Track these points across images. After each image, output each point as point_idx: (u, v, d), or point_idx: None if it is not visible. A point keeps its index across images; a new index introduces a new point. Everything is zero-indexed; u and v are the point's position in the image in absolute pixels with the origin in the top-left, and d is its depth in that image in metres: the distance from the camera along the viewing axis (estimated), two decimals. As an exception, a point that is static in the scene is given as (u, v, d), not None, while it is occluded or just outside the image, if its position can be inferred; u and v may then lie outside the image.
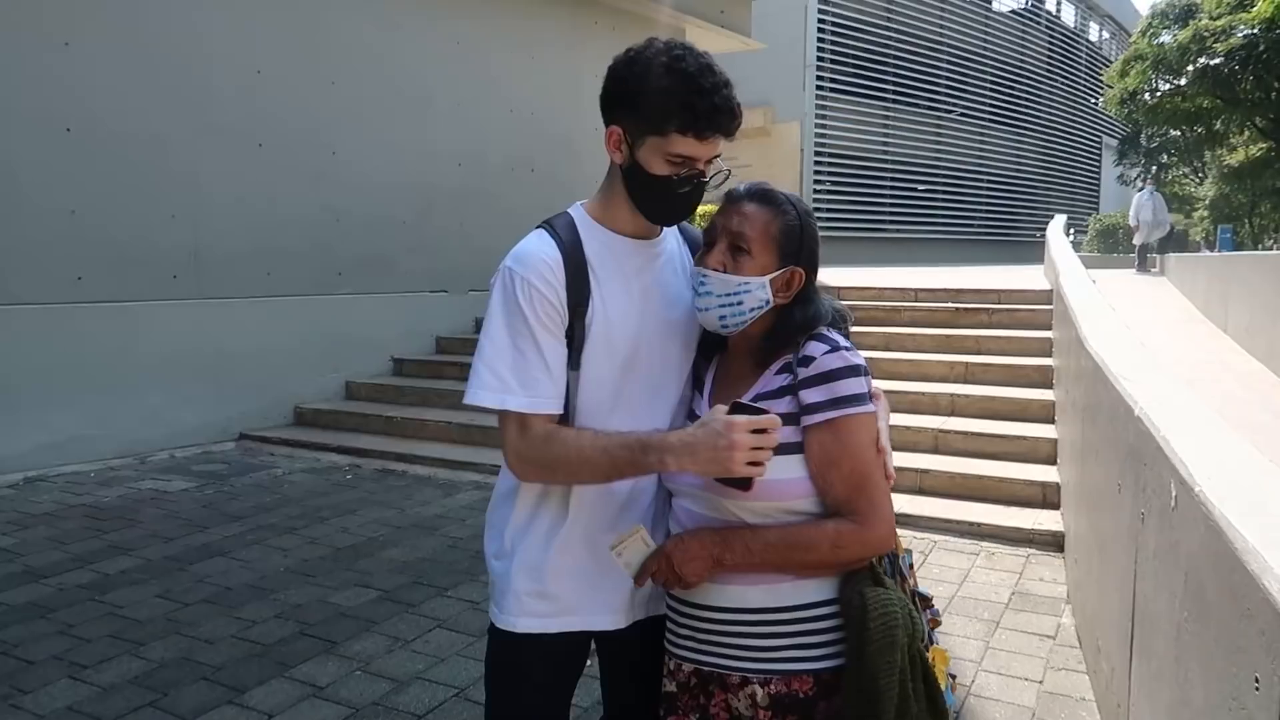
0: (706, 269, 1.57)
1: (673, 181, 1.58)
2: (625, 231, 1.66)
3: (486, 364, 1.55)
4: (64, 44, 6.79)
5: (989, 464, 5.87)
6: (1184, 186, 37.67)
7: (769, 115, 27.82)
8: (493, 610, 1.72)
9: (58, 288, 6.85)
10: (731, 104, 1.56)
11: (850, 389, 1.49)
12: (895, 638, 1.44)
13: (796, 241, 1.57)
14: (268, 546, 5.09)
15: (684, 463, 1.47)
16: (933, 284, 9.37)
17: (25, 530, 5.38)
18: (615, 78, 1.57)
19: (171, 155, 7.46)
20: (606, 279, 1.61)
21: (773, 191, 1.60)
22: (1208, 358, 9.39)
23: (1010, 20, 36.11)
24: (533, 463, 1.58)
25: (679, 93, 1.51)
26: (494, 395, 1.54)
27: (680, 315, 1.70)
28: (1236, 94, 24.96)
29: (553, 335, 1.56)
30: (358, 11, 8.83)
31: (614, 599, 1.70)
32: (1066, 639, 3.86)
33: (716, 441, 1.44)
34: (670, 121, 1.52)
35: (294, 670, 3.57)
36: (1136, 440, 2.48)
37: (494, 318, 1.57)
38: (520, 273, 1.56)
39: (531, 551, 1.66)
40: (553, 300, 1.55)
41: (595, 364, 1.60)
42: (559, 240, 1.60)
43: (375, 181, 8.82)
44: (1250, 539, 1.39)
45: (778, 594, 1.51)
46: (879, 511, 1.50)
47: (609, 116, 1.60)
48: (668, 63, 1.52)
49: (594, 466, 1.54)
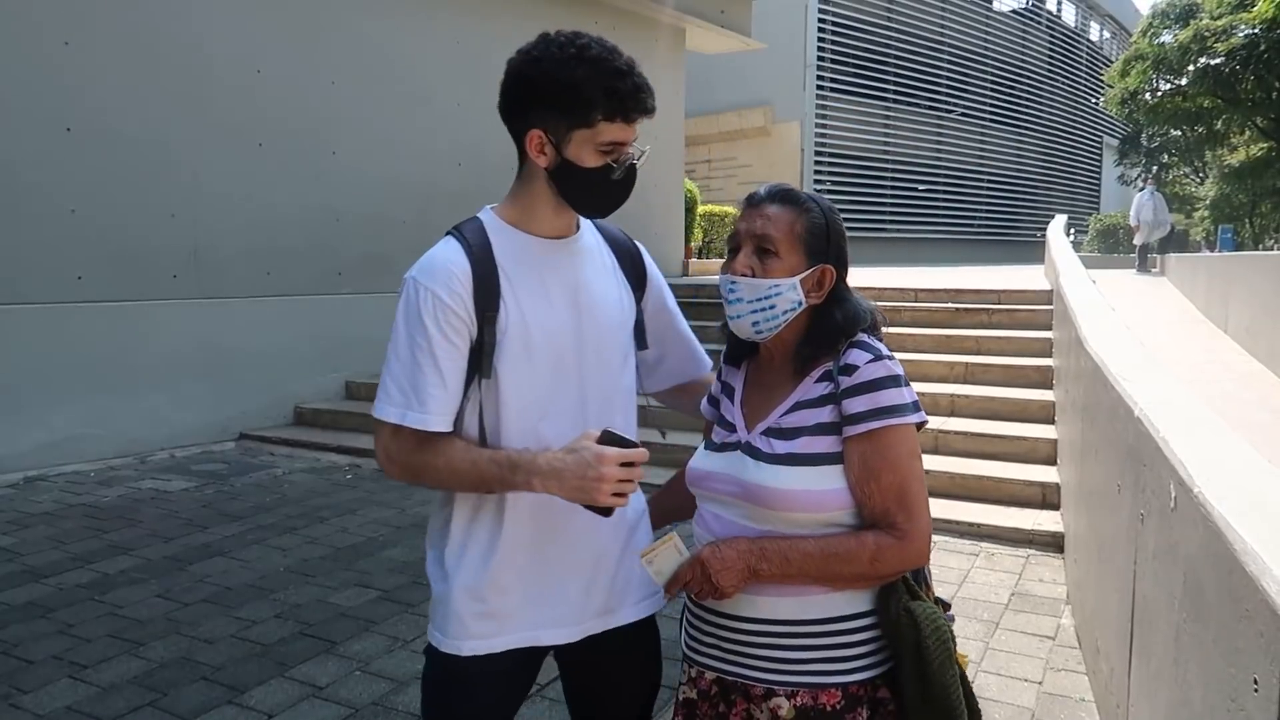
0: (734, 275, 1.54)
1: (609, 170, 1.56)
2: (541, 233, 1.63)
3: (393, 379, 1.54)
4: (64, 43, 6.79)
5: (989, 464, 5.87)
6: (1185, 186, 37.68)
7: (769, 115, 27.82)
8: (433, 634, 1.66)
9: (58, 287, 6.85)
10: (647, 82, 1.55)
11: (893, 399, 1.46)
12: (950, 650, 1.44)
13: (823, 239, 1.54)
14: (267, 546, 5.09)
15: (549, 487, 1.48)
16: (933, 284, 9.37)
17: (25, 530, 5.38)
18: (524, 79, 1.53)
19: (172, 155, 7.46)
20: (521, 282, 1.58)
21: (794, 191, 1.58)
22: (1208, 358, 9.39)
23: (1011, 20, 36.10)
24: (401, 465, 1.57)
25: (598, 80, 1.48)
26: (396, 410, 1.53)
27: (609, 313, 1.68)
28: (1237, 94, 24.95)
29: (455, 348, 1.53)
30: (358, 11, 8.82)
31: (561, 612, 1.66)
32: (1066, 640, 3.86)
33: (585, 471, 1.45)
34: (596, 111, 1.50)
35: (294, 670, 3.57)
36: (1136, 441, 2.48)
37: (398, 331, 1.55)
38: (425, 284, 1.53)
39: (471, 571, 1.62)
40: (458, 311, 1.53)
41: (514, 369, 1.57)
42: (467, 246, 1.56)
43: (375, 181, 8.82)
44: (1249, 540, 1.38)
45: (809, 606, 1.48)
46: (918, 525, 1.46)
47: (523, 122, 1.55)
48: (576, 53, 1.50)
49: (461, 478, 1.54)
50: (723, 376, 1.72)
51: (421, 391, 1.52)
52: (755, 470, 1.49)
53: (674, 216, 13.84)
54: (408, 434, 1.54)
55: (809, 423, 1.50)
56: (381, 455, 1.59)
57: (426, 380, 1.52)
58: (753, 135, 28.23)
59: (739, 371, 1.68)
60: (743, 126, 28.25)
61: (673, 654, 1.76)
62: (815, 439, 1.49)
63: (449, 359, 1.53)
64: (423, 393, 1.52)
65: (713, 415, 1.71)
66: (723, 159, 28.76)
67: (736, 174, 28.08)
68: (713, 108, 26.80)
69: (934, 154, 32.52)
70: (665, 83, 13.32)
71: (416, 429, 1.53)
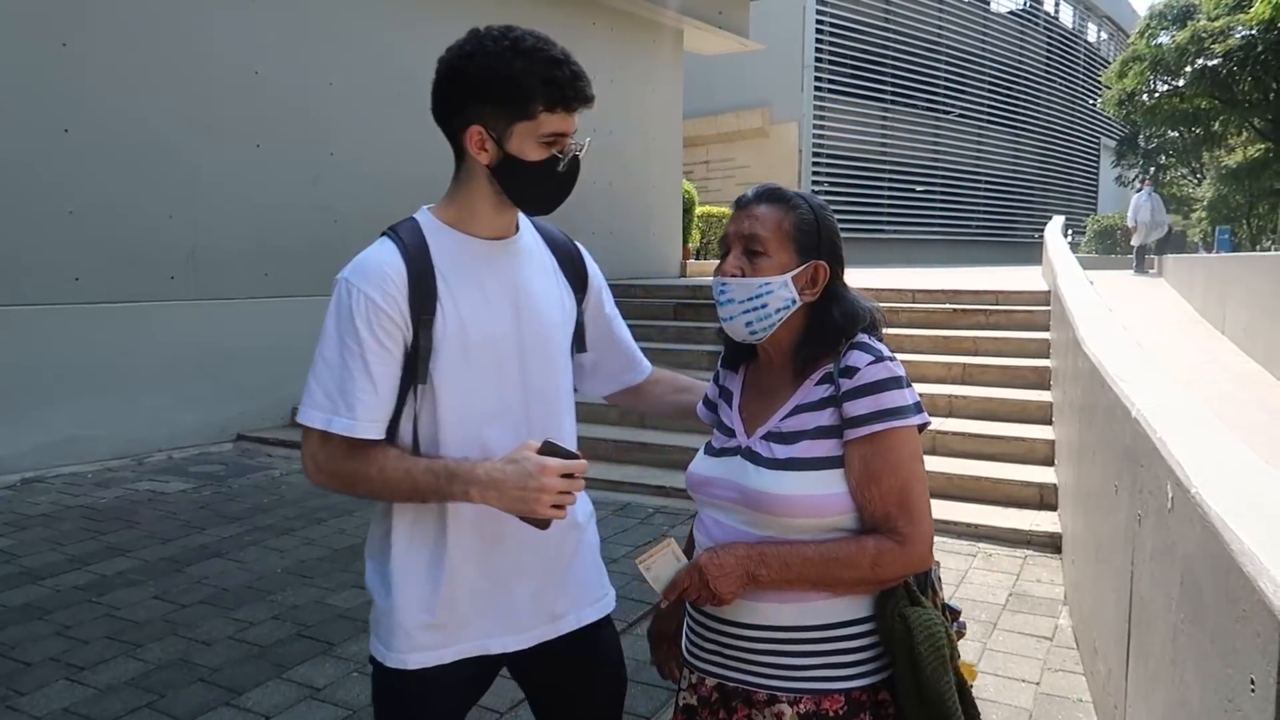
0: (724, 276, 1.52)
1: (555, 162, 1.53)
2: (481, 234, 1.59)
3: (319, 383, 1.49)
4: (62, 44, 6.79)
5: (986, 465, 5.87)
6: (1182, 187, 37.75)
7: (767, 116, 27.85)
8: (377, 648, 1.62)
9: (55, 288, 6.85)
10: (584, 70, 1.51)
11: (895, 401, 1.44)
12: (945, 656, 1.42)
13: (814, 235, 1.52)
14: (265, 548, 5.08)
15: (488, 498, 1.45)
16: (930, 285, 9.38)
17: (23, 531, 5.38)
18: (459, 75, 1.49)
19: (169, 155, 7.45)
20: (459, 284, 1.54)
21: (781, 189, 1.55)
22: (1205, 359, 9.40)
23: (1008, 21, 36.14)
24: (330, 474, 1.51)
25: (536, 70, 1.45)
26: (322, 415, 1.47)
27: (551, 315, 1.65)
28: (1234, 95, 25.02)
29: (388, 352, 1.49)
30: (356, 11, 8.82)
31: (511, 619, 1.63)
32: (1063, 640, 3.87)
33: (526, 482, 1.43)
34: (536, 102, 1.46)
35: (291, 671, 3.56)
36: (1133, 441, 2.48)
37: (328, 333, 1.50)
38: (358, 285, 1.48)
39: (416, 583, 1.57)
40: (392, 314, 1.48)
41: (453, 374, 1.53)
42: (403, 247, 1.52)
43: (373, 182, 8.81)
44: (1246, 540, 1.38)
45: (811, 612, 1.46)
46: (920, 529, 1.44)
47: (460, 119, 1.51)
48: (510, 45, 1.46)
49: (394, 487, 1.49)
50: (720, 381, 1.70)
51: (349, 396, 1.47)
52: (755, 476, 1.48)
53: (672, 217, 13.84)
54: (337, 441, 1.48)
55: (809, 426, 1.48)
56: (308, 463, 1.52)
57: (356, 385, 1.47)
58: (751, 136, 28.25)
59: (737, 376, 1.66)
60: (741, 127, 28.28)
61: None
62: (816, 442, 1.47)
63: (381, 364, 1.48)
64: (351, 397, 1.47)
65: (711, 420, 1.70)
66: (721, 160, 28.78)
67: (735, 175, 28.10)
68: (711, 109, 26.83)
69: (931, 155, 32.56)
70: (663, 84, 13.34)
71: (344, 435, 1.47)
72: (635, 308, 9.96)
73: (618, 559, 4.86)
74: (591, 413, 7.62)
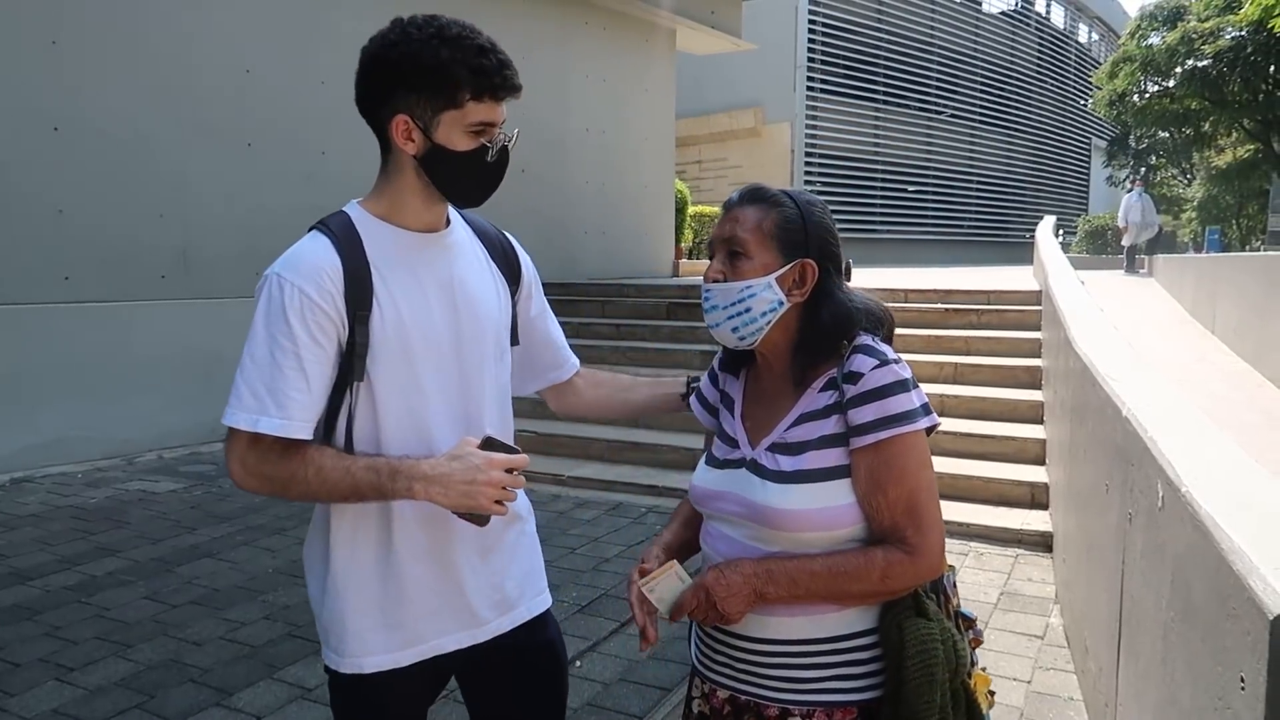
0: (707, 282, 1.49)
1: (484, 152, 1.50)
2: (411, 226, 1.55)
3: (246, 381, 1.44)
4: (51, 42, 6.75)
5: (978, 464, 5.89)
6: (1172, 188, 37.87)
7: (759, 116, 27.86)
8: (329, 656, 1.59)
9: (45, 287, 6.82)
10: (510, 60, 1.49)
11: (900, 406, 1.39)
12: (934, 675, 1.37)
13: (799, 233, 1.45)
14: (256, 547, 5.07)
15: (432, 492, 1.42)
16: (922, 284, 9.39)
17: (12, 532, 5.35)
18: (384, 64, 1.46)
19: (160, 155, 7.42)
20: (394, 278, 1.50)
21: (764, 188, 1.50)
22: (1196, 358, 9.44)
23: (1000, 21, 36.23)
24: (260, 476, 1.45)
25: (462, 58, 1.43)
26: (248, 416, 1.42)
27: (488, 309, 1.62)
28: (1224, 96, 25.12)
29: (321, 349, 1.44)
30: (347, 11, 8.80)
31: (465, 615, 1.60)
32: (1055, 639, 3.88)
33: (473, 476, 1.41)
34: (464, 90, 1.44)
35: (282, 672, 3.55)
36: (1124, 441, 2.49)
37: (256, 330, 1.44)
38: (291, 279, 1.44)
39: (364, 584, 1.54)
40: (327, 309, 1.44)
41: (391, 370, 1.49)
42: (336, 241, 1.48)
43: (365, 182, 8.73)
44: (1236, 539, 1.39)
45: (822, 624, 1.43)
46: (929, 539, 1.39)
47: (387, 108, 1.47)
48: (436, 33, 1.44)
49: (332, 487, 1.44)
50: (720, 385, 1.65)
51: (279, 395, 1.42)
52: (762, 490, 1.43)
53: (664, 217, 13.85)
54: (269, 443, 1.43)
55: (814, 435, 1.43)
56: (235, 467, 1.46)
57: (287, 383, 1.42)
58: (743, 136, 28.26)
59: (738, 381, 1.61)
60: (733, 127, 28.28)
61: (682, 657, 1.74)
62: (823, 452, 1.42)
63: (315, 361, 1.44)
64: (281, 396, 1.42)
65: (711, 425, 1.65)
66: (713, 160, 28.78)
67: (727, 175, 28.10)
68: (703, 109, 26.83)
69: (924, 155, 32.62)
70: (656, 83, 13.34)
71: (275, 435, 1.42)
72: (628, 308, 9.95)
73: (610, 558, 4.86)
74: (584, 412, 7.64)
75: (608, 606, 4.21)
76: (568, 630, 3.77)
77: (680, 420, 7.09)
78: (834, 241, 1.51)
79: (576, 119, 11.77)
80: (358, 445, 1.51)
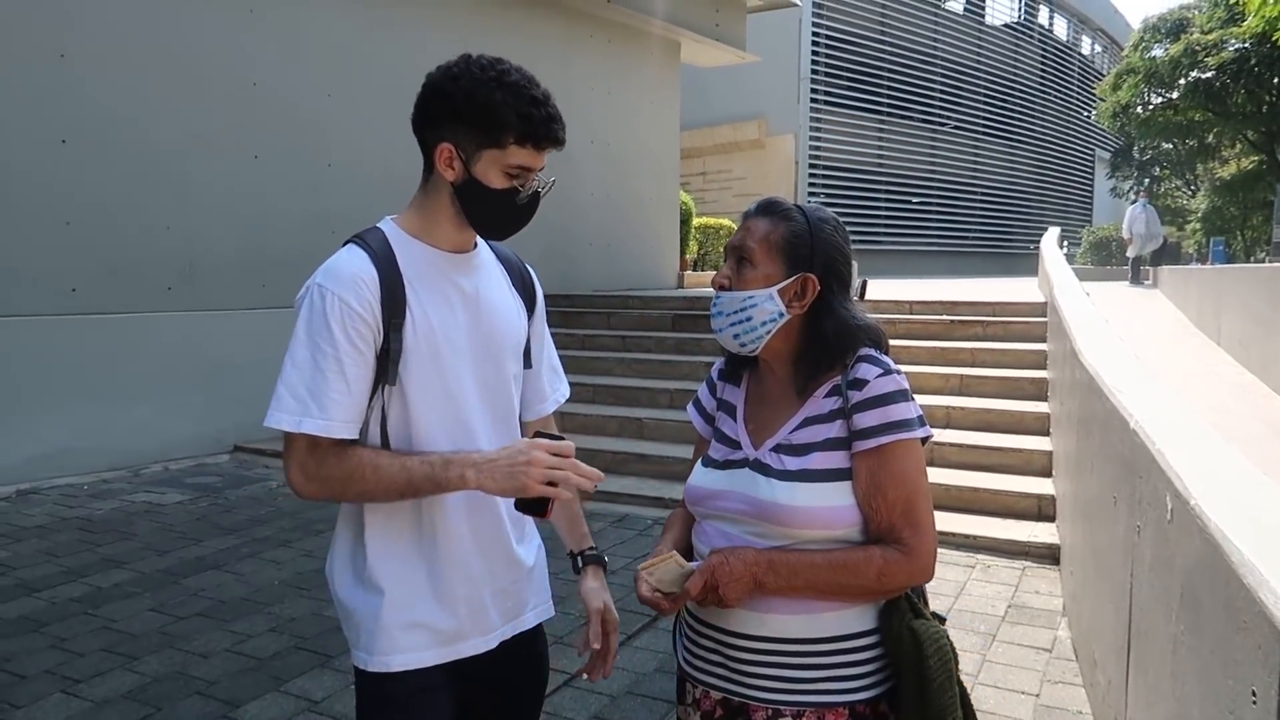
0: (716, 289, 1.55)
1: (515, 194, 1.57)
2: (442, 246, 1.62)
3: (287, 386, 1.50)
4: (59, 55, 6.80)
5: (984, 476, 5.87)
6: (1177, 199, 37.87)
7: (763, 128, 27.96)
8: (359, 657, 1.62)
9: (52, 299, 6.85)
10: (560, 115, 1.57)
11: (902, 414, 1.46)
12: (952, 671, 1.43)
13: (806, 247, 1.51)
14: (262, 559, 5.07)
15: (483, 478, 1.48)
16: (927, 296, 9.39)
17: (18, 543, 5.35)
18: (442, 94, 1.54)
19: (167, 166, 7.46)
20: (425, 291, 1.58)
21: (777, 201, 1.56)
22: (1201, 369, 9.42)
23: (1003, 34, 36.33)
24: (320, 480, 1.52)
25: (515, 104, 1.50)
26: (291, 418, 1.49)
27: (510, 329, 1.69)
28: (1228, 107, 25.15)
29: (361, 354, 1.51)
30: (353, 23, 8.85)
31: (482, 620, 1.65)
32: (1063, 652, 3.86)
33: (516, 458, 1.48)
34: (509, 133, 1.51)
35: (289, 684, 3.55)
36: (1131, 453, 2.49)
37: (298, 338, 1.52)
38: (332, 289, 1.51)
39: (395, 583, 1.59)
40: (366, 317, 1.51)
41: (422, 373, 1.56)
42: (372, 254, 1.55)
43: (371, 193, 8.82)
44: (1246, 552, 1.39)
45: (819, 624, 1.46)
46: (924, 541, 1.45)
47: (435, 134, 1.56)
48: (496, 76, 1.51)
49: (389, 484, 1.51)
50: (719, 394, 1.69)
51: (322, 397, 1.49)
52: (767, 487, 1.47)
53: (669, 229, 13.87)
54: (326, 446, 1.51)
55: (819, 438, 1.49)
56: (296, 473, 1.52)
57: (329, 386, 1.49)
58: (747, 148, 28.35)
59: (739, 389, 1.65)
60: (737, 139, 28.37)
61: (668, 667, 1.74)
62: (827, 455, 1.47)
63: (356, 366, 1.51)
64: (323, 398, 1.49)
65: (708, 432, 1.68)
66: (717, 171, 28.86)
67: (731, 186, 28.18)
68: (707, 120, 26.92)
69: (927, 166, 32.68)
70: (661, 96, 13.39)
71: (320, 436, 1.49)
72: (633, 319, 9.96)
73: (616, 570, 4.84)
74: (589, 424, 7.64)
75: (614, 619, 4.20)
76: (572, 643, 3.76)
77: (688, 432, 7.08)
78: (842, 260, 1.55)
79: (581, 130, 11.80)
80: (392, 444, 1.58)
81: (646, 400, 7.95)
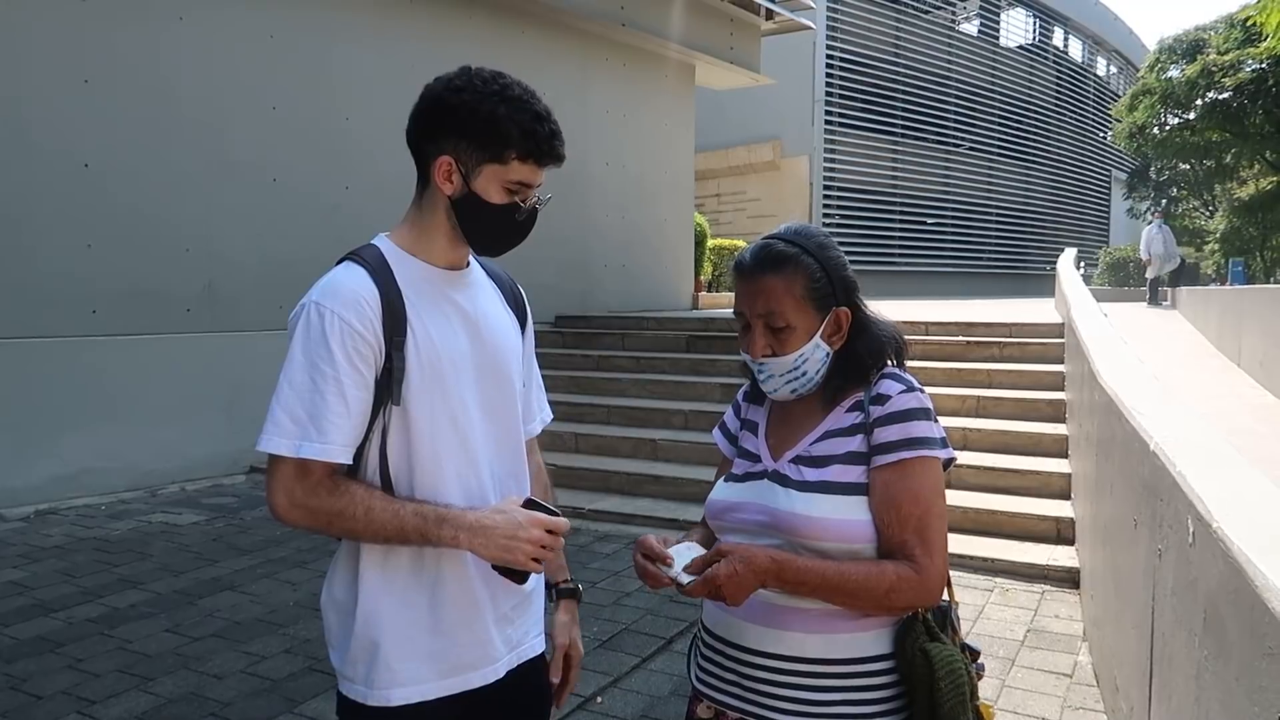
0: (758, 359, 1.52)
1: (514, 209, 1.55)
2: (437, 262, 1.60)
3: (284, 408, 1.44)
4: (83, 81, 6.91)
5: (1002, 499, 5.83)
6: (1195, 220, 37.67)
7: (778, 149, 28.00)
8: (355, 690, 1.54)
9: (72, 321, 6.92)
10: (561, 131, 1.55)
11: (924, 431, 1.46)
12: (965, 695, 1.40)
13: (826, 284, 1.50)
14: (277, 580, 5.07)
15: (475, 544, 1.46)
16: (943, 317, 9.36)
17: (35, 563, 5.38)
18: (444, 106, 1.51)
19: (186, 191, 7.55)
20: (424, 308, 1.54)
21: (777, 250, 1.51)
22: (1221, 391, 9.34)
23: (1018, 55, 36.35)
24: (306, 509, 1.45)
25: (519, 120, 1.49)
26: (290, 442, 1.43)
27: (508, 347, 1.67)
28: (1246, 128, 25.03)
29: (360, 375, 1.47)
30: (370, 49, 8.95)
31: (486, 650, 1.60)
32: (1084, 677, 3.81)
33: (515, 532, 1.46)
34: (511, 149, 1.49)
35: (303, 706, 3.54)
36: (1152, 475, 2.46)
37: (294, 359, 1.46)
38: (331, 308, 1.46)
39: (404, 606, 1.54)
40: (367, 336, 1.47)
41: (424, 393, 1.52)
42: (371, 271, 1.52)
43: (390, 215, 8.85)
44: (1270, 575, 1.37)
45: (837, 644, 1.45)
46: (936, 563, 1.43)
47: (433, 147, 1.53)
48: (499, 90, 1.50)
49: (379, 527, 1.46)
50: (744, 414, 1.69)
51: (321, 420, 1.43)
52: (786, 498, 1.47)
53: (684, 250, 13.89)
54: (319, 476, 1.45)
55: (839, 451, 1.48)
56: (280, 498, 1.45)
57: (328, 408, 1.44)
58: (762, 169, 28.39)
59: (762, 408, 1.66)
60: (752, 161, 28.42)
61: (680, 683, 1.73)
62: (846, 468, 1.47)
63: (355, 387, 1.46)
64: (322, 421, 1.43)
65: (731, 453, 1.68)
66: (732, 193, 28.91)
67: (746, 208, 28.21)
68: (722, 142, 27.01)
69: (942, 187, 32.64)
70: (675, 118, 13.45)
71: (318, 461, 1.44)
72: (648, 340, 9.96)
73: (630, 592, 4.82)
74: (604, 445, 7.63)
75: (629, 642, 4.18)
76: (589, 665, 3.74)
77: (702, 453, 7.07)
78: (848, 271, 1.56)
79: (596, 153, 11.87)
80: (392, 467, 1.53)
81: (661, 421, 7.94)
